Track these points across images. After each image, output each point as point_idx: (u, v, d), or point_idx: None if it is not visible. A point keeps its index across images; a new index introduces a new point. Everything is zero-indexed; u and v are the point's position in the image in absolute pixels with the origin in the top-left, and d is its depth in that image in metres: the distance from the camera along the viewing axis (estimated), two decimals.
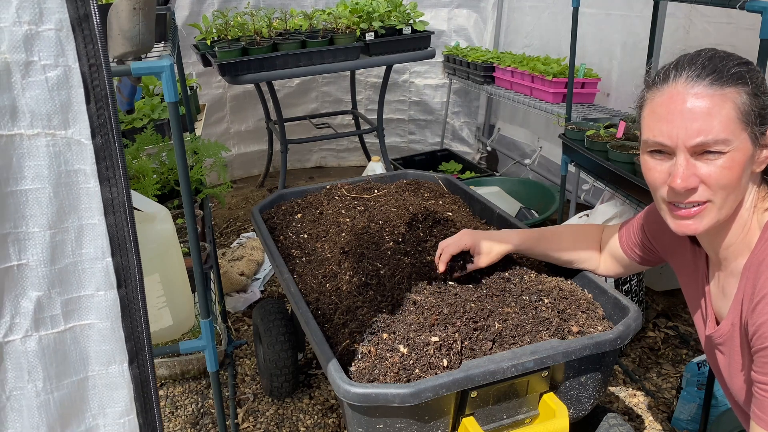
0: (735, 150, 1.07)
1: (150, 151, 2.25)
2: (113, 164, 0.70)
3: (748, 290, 1.13)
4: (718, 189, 1.10)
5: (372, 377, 1.39)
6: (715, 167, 1.08)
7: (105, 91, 0.68)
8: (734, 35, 2.69)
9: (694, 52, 1.14)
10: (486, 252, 1.68)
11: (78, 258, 0.70)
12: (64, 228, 0.69)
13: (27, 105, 0.65)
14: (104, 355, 0.73)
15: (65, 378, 0.71)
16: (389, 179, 2.52)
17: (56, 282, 0.69)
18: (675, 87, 1.10)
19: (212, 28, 3.59)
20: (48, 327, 0.69)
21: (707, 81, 1.07)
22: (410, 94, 4.74)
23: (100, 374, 0.73)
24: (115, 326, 0.73)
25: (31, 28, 0.63)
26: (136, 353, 0.75)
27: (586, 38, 3.55)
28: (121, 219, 0.71)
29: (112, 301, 0.72)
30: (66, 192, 0.68)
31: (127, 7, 1.28)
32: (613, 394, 2.36)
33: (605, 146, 2.42)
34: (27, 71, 0.64)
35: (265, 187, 4.57)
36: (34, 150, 0.66)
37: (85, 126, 0.68)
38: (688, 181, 1.09)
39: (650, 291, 2.90)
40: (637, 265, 1.59)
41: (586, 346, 1.43)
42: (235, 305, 2.97)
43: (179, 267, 1.59)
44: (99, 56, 0.67)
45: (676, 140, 1.09)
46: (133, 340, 0.74)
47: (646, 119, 1.16)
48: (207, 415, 2.36)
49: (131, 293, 0.73)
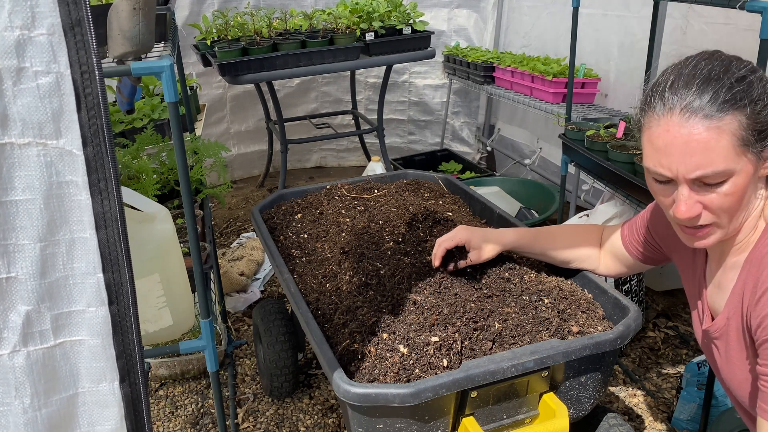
0: (737, 175, 1.07)
1: (150, 151, 2.25)
2: (105, 176, 0.68)
3: (750, 283, 1.13)
4: (721, 213, 1.10)
5: (372, 377, 1.39)
6: (718, 195, 1.08)
7: (97, 99, 0.66)
8: (732, 36, 2.69)
9: (692, 64, 1.10)
10: (481, 247, 1.68)
11: (69, 272, 0.68)
12: (54, 241, 0.67)
13: (18, 113, 0.63)
14: (95, 372, 0.72)
15: (54, 395, 0.70)
16: (389, 179, 2.52)
17: (46, 296, 0.67)
18: (671, 118, 1.07)
19: (212, 28, 3.59)
20: (37, 342, 0.68)
21: (702, 114, 1.04)
22: (410, 94, 4.74)
23: (90, 391, 0.72)
24: (106, 343, 0.71)
25: (24, 33, 0.61)
26: (128, 371, 0.73)
27: (584, 39, 3.54)
28: (113, 233, 0.69)
29: (103, 318, 0.70)
30: (57, 204, 0.66)
31: (127, 7, 1.28)
32: (613, 394, 2.36)
33: (605, 146, 2.42)
34: (18, 78, 0.62)
35: (265, 187, 4.57)
36: (25, 159, 0.64)
37: (76, 135, 0.66)
38: (692, 210, 1.10)
39: (650, 291, 2.90)
40: (640, 264, 1.59)
41: (586, 346, 1.43)
42: (235, 305, 2.97)
43: (179, 267, 1.59)
44: (92, 63, 0.65)
45: (675, 173, 1.09)
46: (125, 357, 0.72)
47: (646, 146, 1.14)
48: (207, 415, 2.36)
49: (123, 310, 0.71)
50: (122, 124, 2.61)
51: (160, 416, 2.36)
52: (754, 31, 1.67)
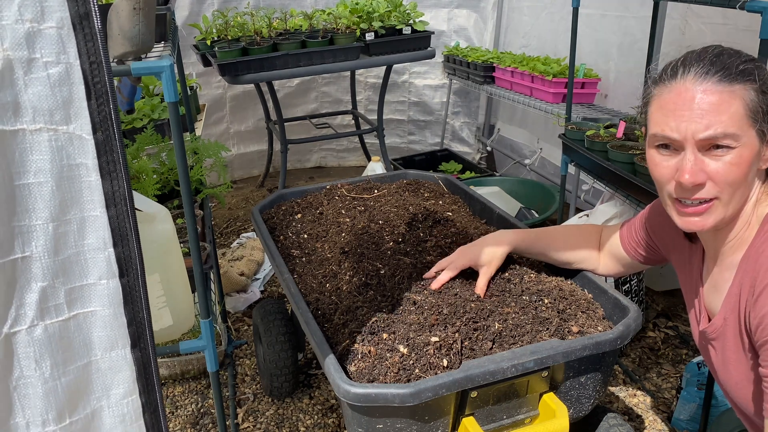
0: (743, 146, 1.08)
1: (150, 151, 2.25)
2: (114, 159, 0.72)
3: (747, 282, 1.13)
4: (725, 186, 1.10)
5: (372, 377, 1.39)
6: (723, 163, 1.09)
7: (105, 87, 0.70)
8: (730, 36, 2.69)
9: (700, 48, 1.14)
10: (488, 262, 1.67)
11: (81, 249, 0.72)
12: (66, 220, 0.70)
13: (29, 101, 0.66)
14: (107, 340, 0.76)
15: (71, 364, 0.74)
16: (389, 179, 2.52)
17: (59, 272, 0.71)
18: (684, 83, 1.10)
19: (212, 28, 3.59)
20: (53, 316, 0.71)
21: (716, 78, 1.08)
22: (410, 94, 4.74)
23: (103, 358, 0.76)
24: (118, 313, 0.75)
25: (33, 25, 0.65)
26: (138, 338, 0.77)
27: (583, 39, 3.54)
28: (122, 211, 0.73)
29: (114, 289, 0.74)
30: (68, 185, 0.70)
31: (127, 7, 1.28)
32: (613, 394, 2.36)
33: (605, 146, 2.42)
34: (29, 68, 0.65)
35: (265, 187, 4.57)
36: (37, 145, 0.67)
37: (86, 122, 0.69)
38: (697, 176, 1.10)
39: (650, 291, 2.90)
40: (639, 264, 1.59)
41: (586, 346, 1.43)
42: (235, 305, 2.97)
43: (179, 267, 1.59)
44: (99, 54, 0.69)
45: (684, 134, 1.09)
46: (135, 325, 0.77)
47: (654, 114, 1.16)
48: (207, 415, 2.36)
49: (133, 281, 0.75)
50: (122, 124, 2.61)
51: None
52: (752, 32, 1.67)
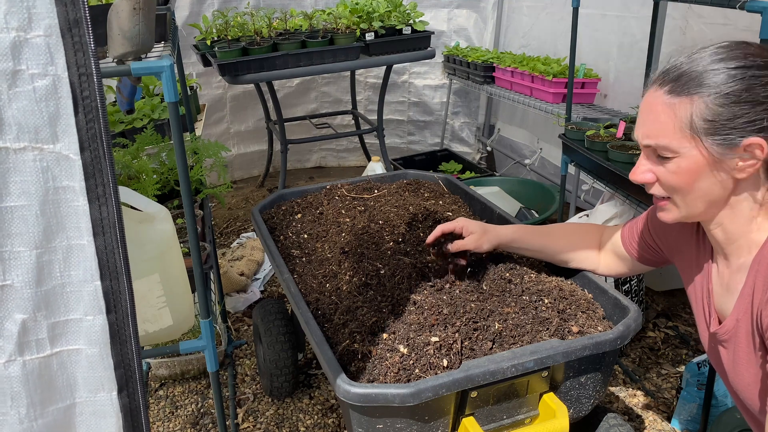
0: (682, 157, 1.13)
1: (150, 151, 2.25)
2: (103, 181, 0.66)
3: (759, 283, 1.13)
4: (670, 190, 1.19)
5: (372, 377, 1.39)
6: (664, 169, 1.17)
7: (95, 102, 0.64)
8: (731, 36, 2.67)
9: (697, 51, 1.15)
10: (477, 232, 1.69)
11: (66, 280, 0.67)
12: (51, 248, 0.65)
13: (13, 117, 0.61)
14: (93, 382, 0.70)
15: (50, 405, 0.68)
16: (389, 179, 2.52)
17: (42, 305, 0.66)
18: (648, 90, 1.19)
19: (212, 28, 3.59)
20: (33, 351, 0.66)
21: (667, 89, 1.14)
22: (410, 94, 4.74)
23: (87, 401, 0.70)
24: (104, 353, 0.69)
25: (20, 34, 0.59)
26: (126, 381, 0.71)
27: (583, 39, 3.54)
28: (111, 240, 0.67)
29: (100, 327, 0.69)
30: (53, 210, 0.64)
31: (127, 7, 1.28)
32: (613, 394, 2.36)
33: (605, 146, 2.42)
34: (14, 81, 0.60)
35: (265, 187, 4.57)
36: (21, 165, 0.62)
37: (74, 140, 0.64)
38: (641, 176, 1.20)
39: (650, 291, 2.90)
40: (640, 265, 1.59)
41: (586, 346, 1.43)
42: (235, 305, 2.97)
43: (179, 267, 1.59)
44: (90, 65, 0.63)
45: (637, 137, 1.20)
46: (123, 367, 0.71)
47: None
48: (207, 415, 2.36)
49: (121, 319, 0.70)
50: (122, 124, 2.61)
51: (160, 416, 2.36)
52: (752, 32, 1.67)
